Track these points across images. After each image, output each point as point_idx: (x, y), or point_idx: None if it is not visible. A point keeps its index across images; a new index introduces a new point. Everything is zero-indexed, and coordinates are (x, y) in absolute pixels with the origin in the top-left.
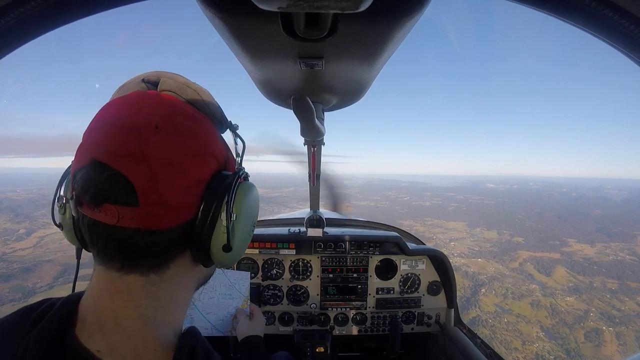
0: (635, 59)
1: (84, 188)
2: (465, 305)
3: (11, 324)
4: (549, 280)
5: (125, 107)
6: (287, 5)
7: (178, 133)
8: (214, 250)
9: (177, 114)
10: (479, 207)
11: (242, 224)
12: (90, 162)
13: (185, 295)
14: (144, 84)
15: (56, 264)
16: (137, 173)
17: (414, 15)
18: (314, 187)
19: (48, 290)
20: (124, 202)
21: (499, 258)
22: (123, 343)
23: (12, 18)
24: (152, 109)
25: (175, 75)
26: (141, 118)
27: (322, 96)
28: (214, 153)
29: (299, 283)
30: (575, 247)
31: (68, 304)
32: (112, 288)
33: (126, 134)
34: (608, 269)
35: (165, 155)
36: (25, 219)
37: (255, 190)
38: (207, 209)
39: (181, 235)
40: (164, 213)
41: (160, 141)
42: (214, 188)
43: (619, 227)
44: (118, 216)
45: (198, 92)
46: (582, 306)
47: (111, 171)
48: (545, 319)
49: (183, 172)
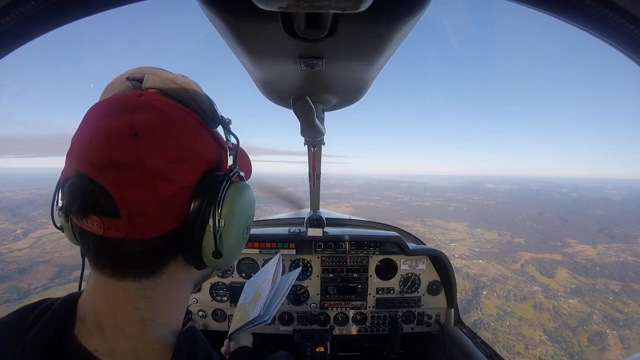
0: (635, 59)
1: (71, 199)
2: (466, 307)
3: (9, 324)
4: (551, 282)
5: (104, 114)
6: (288, 5)
7: (159, 139)
8: (205, 256)
9: (158, 118)
10: (479, 207)
11: (233, 228)
12: (74, 173)
13: (182, 297)
14: (128, 82)
15: (52, 264)
16: (116, 185)
17: (414, 16)
18: (314, 187)
19: (43, 292)
20: (106, 213)
21: (500, 259)
22: (122, 343)
23: (12, 18)
24: (131, 115)
25: (160, 70)
26: (119, 126)
27: (322, 96)
28: (201, 154)
29: (299, 283)
30: (577, 248)
31: (67, 304)
32: (107, 292)
33: (105, 144)
34: (610, 270)
35: (146, 164)
36: (23, 219)
37: (249, 190)
38: (195, 216)
39: (170, 243)
40: (147, 223)
41: (139, 150)
42: (201, 192)
43: (620, 227)
44: (103, 227)
45: (184, 88)
46: (585, 309)
47: (93, 184)
48: (548, 322)
49: (166, 180)
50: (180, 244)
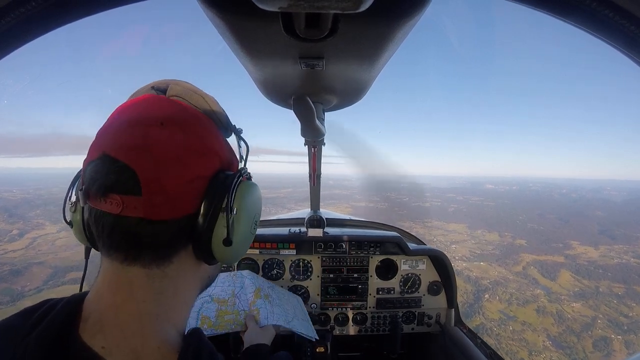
0: (635, 59)
1: (93, 179)
2: (468, 312)
3: (12, 326)
4: (553, 284)
5: (134, 107)
6: (288, 5)
7: (182, 131)
8: (215, 244)
9: (182, 114)
10: (479, 208)
11: (243, 220)
12: (100, 156)
13: (188, 294)
14: (153, 91)
15: (46, 266)
16: (141, 164)
17: (415, 16)
18: (314, 187)
19: (36, 294)
20: (128, 191)
21: (502, 261)
22: (126, 340)
23: (12, 18)
24: (159, 108)
25: (182, 82)
26: (148, 115)
27: (323, 96)
28: (217, 153)
29: (299, 283)
30: (579, 249)
31: (71, 304)
32: (116, 280)
33: (133, 129)
34: (613, 272)
35: (169, 149)
36: (19, 219)
37: (257, 189)
38: (209, 203)
39: (183, 228)
40: (165, 203)
41: (164, 136)
42: (215, 184)
43: (621, 229)
44: (122, 205)
45: (204, 98)
46: (589, 312)
47: (118, 163)
48: (551, 327)
49: (185, 166)
50: (192, 232)
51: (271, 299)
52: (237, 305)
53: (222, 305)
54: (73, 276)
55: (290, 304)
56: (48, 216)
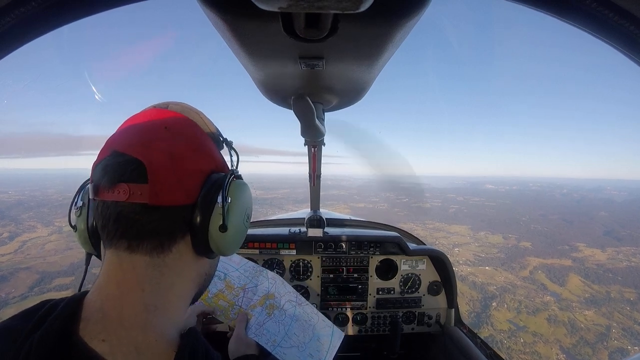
0: (635, 59)
1: (103, 173)
2: (476, 322)
3: (13, 328)
4: (563, 290)
5: (142, 117)
6: (288, 5)
7: (183, 134)
8: (212, 232)
9: (183, 122)
10: (480, 209)
11: (237, 210)
12: (110, 153)
13: (184, 288)
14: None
15: (33, 271)
16: (148, 157)
17: (414, 16)
18: (314, 187)
19: (21, 302)
20: (135, 180)
21: (508, 265)
22: (125, 333)
23: (12, 18)
24: (163, 117)
25: (180, 102)
26: (153, 121)
27: (323, 96)
28: (212, 156)
29: (299, 283)
30: (586, 252)
31: (72, 303)
32: (119, 269)
33: (142, 131)
34: (623, 276)
35: (172, 147)
36: (11, 222)
37: (247, 188)
38: (206, 194)
39: (182, 218)
40: (168, 191)
41: (168, 137)
42: (211, 179)
43: (626, 229)
44: (129, 192)
45: (200, 115)
46: (602, 321)
47: (127, 157)
48: (564, 338)
49: (187, 160)
50: (191, 221)
51: (275, 312)
52: (238, 299)
53: (227, 290)
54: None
55: (303, 332)
56: (40, 218)
